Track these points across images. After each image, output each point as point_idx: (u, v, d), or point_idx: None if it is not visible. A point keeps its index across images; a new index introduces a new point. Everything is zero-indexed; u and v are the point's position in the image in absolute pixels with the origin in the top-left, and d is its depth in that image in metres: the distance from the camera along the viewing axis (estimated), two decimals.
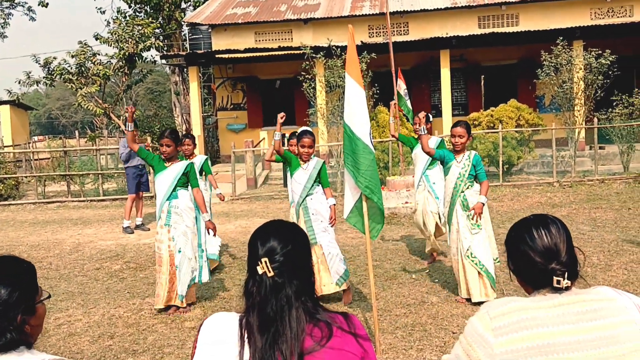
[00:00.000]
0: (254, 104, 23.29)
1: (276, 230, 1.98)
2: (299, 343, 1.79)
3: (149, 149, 11.69)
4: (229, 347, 1.84)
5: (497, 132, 14.75)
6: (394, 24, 21.30)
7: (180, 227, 6.28)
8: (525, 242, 2.04)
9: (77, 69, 19.77)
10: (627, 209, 10.72)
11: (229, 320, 1.90)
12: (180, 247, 6.25)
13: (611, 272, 6.90)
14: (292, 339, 1.79)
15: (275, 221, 2.06)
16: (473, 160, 6.20)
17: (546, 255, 1.99)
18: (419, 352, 4.91)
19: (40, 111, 73.00)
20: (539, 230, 2.04)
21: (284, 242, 1.92)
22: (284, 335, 1.79)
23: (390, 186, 11.77)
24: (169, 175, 6.31)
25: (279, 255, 1.88)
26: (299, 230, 2.02)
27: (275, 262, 1.87)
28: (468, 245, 6.08)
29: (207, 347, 1.86)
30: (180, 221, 6.28)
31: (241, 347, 1.82)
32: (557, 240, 2.01)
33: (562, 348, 1.86)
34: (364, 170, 4.85)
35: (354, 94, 4.89)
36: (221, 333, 1.87)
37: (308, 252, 2.00)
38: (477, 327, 1.96)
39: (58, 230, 11.86)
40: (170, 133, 6.41)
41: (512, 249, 2.11)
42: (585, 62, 15.28)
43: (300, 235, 2.00)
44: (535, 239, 2.03)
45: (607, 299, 1.98)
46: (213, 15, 22.78)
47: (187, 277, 6.28)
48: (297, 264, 1.91)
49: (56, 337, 5.81)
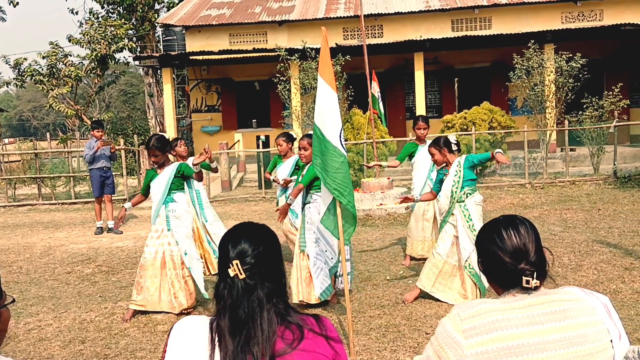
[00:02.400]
0: (228, 105, 23.20)
1: (247, 232, 1.97)
2: (270, 345, 1.79)
3: (114, 151, 11.60)
4: (199, 351, 1.82)
5: (470, 135, 14.88)
6: (369, 26, 21.39)
7: (182, 230, 6.25)
8: (495, 243, 2.06)
9: (48, 70, 19.56)
10: (597, 209, 10.89)
11: (199, 323, 1.89)
12: (185, 249, 6.23)
13: (581, 272, 7.00)
14: (263, 341, 1.79)
15: (246, 223, 2.05)
16: (464, 164, 6.05)
17: (515, 255, 2.01)
18: (392, 353, 4.93)
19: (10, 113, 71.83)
20: (508, 231, 2.06)
21: (255, 244, 1.91)
22: (255, 337, 1.79)
23: (365, 188, 11.81)
24: (161, 180, 6.27)
25: (250, 257, 1.88)
26: (269, 232, 2.01)
27: (247, 264, 1.86)
28: (467, 255, 5.92)
29: (177, 351, 1.85)
30: (180, 224, 6.25)
31: (211, 351, 1.81)
32: (526, 241, 2.04)
33: (531, 349, 1.88)
34: (333, 172, 4.86)
35: (326, 96, 4.90)
36: (191, 337, 1.86)
37: (279, 254, 1.99)
38: (448, 328, 1.98)
39: (29, 233, 11.67)
40: (157, 141, 6.30)
41: (482, 249, 2.13)
42: (556, 65, 15.50)
43: (271, 237, 1.99)
44: (504, 240, 2.05)
45: (575, 299, 2.01)
46: (187, 17, 22.64)
47: (201, 275, 6.30)
48: (268, 266, 1.91)
49: (26, 342, 5.71)
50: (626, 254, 7.62)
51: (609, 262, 7.32)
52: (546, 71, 15.85)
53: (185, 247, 6.24)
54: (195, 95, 23.67)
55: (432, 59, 20.97)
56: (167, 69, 20.84)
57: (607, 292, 6.20)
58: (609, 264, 7.24)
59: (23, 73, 19.84)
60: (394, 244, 9.05)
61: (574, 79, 15.05)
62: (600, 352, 1.94)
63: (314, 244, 6.18)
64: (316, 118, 5.03)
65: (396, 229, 10.22)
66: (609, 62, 20.45)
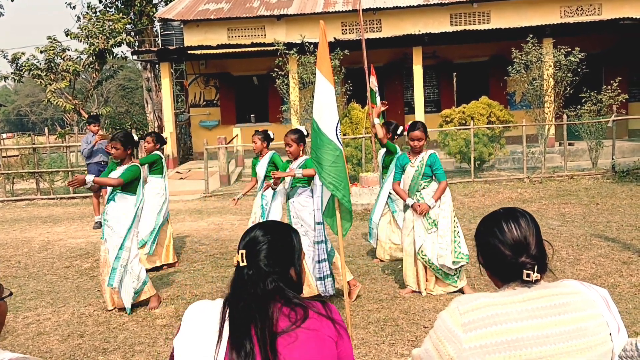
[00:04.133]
0: (227, 100, 23.17)
1: (262, 225, 2.09)
2: (272, 327, 1.86)
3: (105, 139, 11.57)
4: (209, 328, 1.91)
5: (468, 129, 14.88)
6: (367, 20, 21.35)
7: (113, 240, 6.15)
8: (495, 236, 2.04)
9: (46, 64, 19.51)
10: (595, 204, 10.90)
11: (212, 304, 2.00)
12: (112, 261, 6.15)
13: (579, 265, 7.01)
14: (265, 324, 1.86)
15: (265, 221, 2.18)
16: (428, 161, 6.21)
17: (516, 248, 2.00)
18: (390, 347, 4.94)
19: (9, 108, 71.67)
20: (508, 224, 2.04)
21: (264, 235, 2.03)
22: (259, 321, 1.87)
23: (363, 182, 11.80)
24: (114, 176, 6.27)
25: (260, 247, 2.00)
26: (285, 226, 2.12)
27: (255, 252, 1.99)
28: (421, 243, 6.19)
29: (191, 327, 1.94)
30: (112, 234, 6.15)
31: (221, 327, 1.89)
32: (527, 234, 2.02)
33: (530, 342, 1.87)
34: (328, 166, 4.85)
35: (324, 90, 4.88)
36: (204, 314, 1.96)
37: (291, 244, 2.08)
38: (447, 322, 1.97)
39: (27, 228, 11.66)
40: (122, 136, 6.29)
41: (481, 242, 2.12)
42: (555, 60, 15.49)
43: (285, 230, 2.10)
44: (505, 233, 2.03)
45: (574, 292, 2.00)
46: (185, 11, 22.58)
47: (130, 288, 6.18)
48: (277, 255, 2.01)
49: (25, 336, 5.71)
50: (624, 248, 7.63)
51: (607, 256, 7.33)
52: (545, 65, 15.83)
53: (111, 259, 6.14)
54: (193, 90, 23.63)
55: (431, 54, 20.96)
56: (165, 64, 20.80)
57: (605, 286, 6.22)
58: (607, 257, 7.25)
59: (21, 67, 19.80)
60: None
61: (572, 74, 15.04)
62: (600, 345, 1.94)
63: (302, 236, 6.19)
64: (314, 112, 5.02)
65: None
66: (607, 56, 20.44)
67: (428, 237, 6.18)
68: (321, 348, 1.87)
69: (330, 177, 4.91)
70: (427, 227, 6.17)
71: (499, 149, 15.64)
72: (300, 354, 1.84)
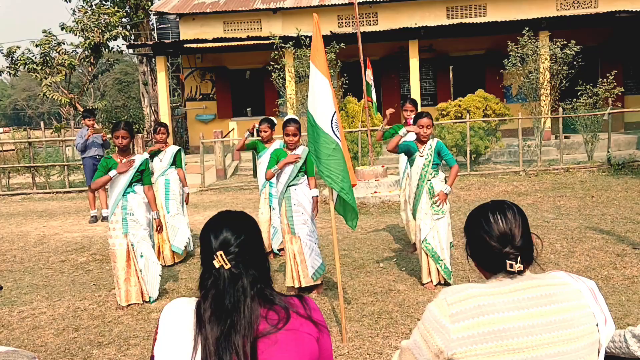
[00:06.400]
0: (223, 94, 23.13)
1: (227, 221, 1.98)
2: (252, 330, 1.82)
3: (105, 139, 11.53)
4: (186, 335, 1.86)
5: (464, 122, 14.89)
6: (363, 14, 21.31)
7: (139, 233, 6.21)
8: (482, 227, 2.07)
9: (41, 58, 19.42)
10: (590, 197, 10.92)
11: (187, 305, 1.93)
12: (142, 251, 6.21)
13: (574, 258, 7.04)
14: (245, 327, 1.82)
15: (224, 212, 2.07)
16: (435, 148, 6.29)
17: (501, 239, 2.02)
18: (384, 340, 4.96)
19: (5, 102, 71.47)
20: (495, 215, 2.07)
21: (237, 233, 1.93)
22: (238, 325, 1.81)
23: (359, 176, 11.81)
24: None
25: (234, 247, 1.90)
26: (249, 219, 2.03)
27: (231, 253, 1.89)
28: (426, 231, 6.24)
29: (167, 334, 1.89)
30: (137, 227, 6.21)
31: (196, 334, 1.84)
32: (512, 225, 2.04)
33: (517, 333, 1.89)
34: (324, 159, 4.86)
35: (318, 83, 4.89)
36: (180, 320, 1.90)
37: (260, 239, 2.01)
38: (434, 313, 1.98)
39: (23, 222, 11.65)
40: (126, 125, 6.29)
41: (469, 234, 2.14)
42: (551, 53, 15.48)
43: (251, 223, 2.02)
44: (491, 224, 2.05)
45: (561, 283, 2.03)
46: (181, 4, 22.51)
47: (157, 279, 6.28)
48: (251, 253, 1.93)
49: (20, 330, 5.72)
50: (618, 241, 7.66)
51: (601, 248, 7.36)
52: (540, 58, 15.82)
53: (142, 249, 6.21)
54: (189, 83, 23.59)
55: (427, 47, 20.93)
56: (160, 57, 20.73)
57: (599, 278, 6.25)
58: (601, 250, 7.28)
59: (16, 61, 19.71)
60: (388, 232, 9.07)
61: (568, 67, 15.03)
62: (586, 335, 1.95)
63: (303, 225, 6.24)
64: (309, 106, 5.03)
65: (390, 216, 10.23)
66: (603, 49, 20.44)
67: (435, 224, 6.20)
68: (301, 347, 1.85)
69: (328, 170, 4.92)
70: (433, 214, 6.22)
71: (495, 142, 15.66)
72: (279, 357, 1.81)
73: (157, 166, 8.10)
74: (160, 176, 8.07)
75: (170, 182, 8.03)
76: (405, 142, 6.49)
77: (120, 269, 6.15)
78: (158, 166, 8.11)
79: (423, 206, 6.27)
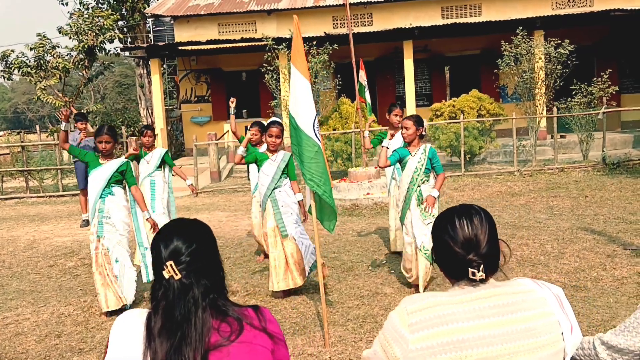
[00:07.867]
0: (218, 96, 23.07)
1: (179, 230, 1.91)
2: (203, 343, 1.76)
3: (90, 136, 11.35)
4: (136, 347, 1.80)
5: (458, 123, 14.82)
6: (358, 14, 21.26)
7: (114, 238, 6.14)
8: (447, 232, 2.00)
9: (35, 62, 19.37)
10: (584, 197, 10.86)
11: (137, 318, 1.86)
12: (117, 256, 6.14)
13: (563, 259, 6.97)
14: (196, 339, 1.76)
15: (177, 220, 2.01)
16: (429, 154, 6.22)
17: (465, 246, 1.95)
18: (368, 344, 4.89)
19: (5, 105, 71.42)
20: (461, 221, 1.99)
21: (188, 241, 1.86)
22: (188, 338, 1.76)
23: (352, 177, 11.75)
24: (103, 172, 6.17)
25: (185, 256, 1.83)
26: (202, 226, 1.96)
27: (181, 263, 1.82)
28: (422, 238, 6.11)
29: (118, 348, 1.84)
30: (113, 231, 6.13)
31: (145, 348, 1.78)
32: (478, 232, 1.97)
33: (476, 343, 1.83)
34: (307, 162, 4.81)
35: (299, 85, 4.83)
36: (130, 332, 1.84)
37: (214, 248, 1.94)
38: (394, 322, 1.92)
39: (14, 227, 11.60)
40: (109, 129, 6.25)
41: (435, 238, 2.07)
42: (545, 52, 15.42)
43: (205, 231, 1.95)
44: (456, 229, 1.98)
45: (525, 291, 1.96)
46: (175, 7, 22.47)
47: (132, 284, 6.20)
48: (204, 262, 1.87)
49: (1, 336, 5.66)
50: (609, 241, 7.59)
51: (591, 249, 7.29)
52: (534, 58, 15.77)
53: (117, 255, 6.14)
54: (184, 85, 23.54)
55: (422, 47, 20.88)
56: (155, 60, 20.68)
57: (588, 280, 6.19)
58: (592, 251, 7.21)
59: (10, 65, 19.65)
60: (379, 234, 9.01)
61: (562, 66, 14.98)
62: (549, 345, 1.89)
63: (294, 224, 6.22)
64: (291, 108, 4.97)
65: (382, 218, 10.16)
66: (599, 48, 20.39)
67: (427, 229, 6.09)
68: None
69: (310, 173, 4.87)
70: (424, 219, 6.13)
71: (489, 142, 15.60)
72: None
73: (144, 168, 8.07)
74: (146, 177, 8.03)
75: (155, 183, 8.00)
76: (395, 152, 6.39)
77: (97, 274, 6.12)
78: (145, 168, 8.07)
79: (413, 212, 6.18)
